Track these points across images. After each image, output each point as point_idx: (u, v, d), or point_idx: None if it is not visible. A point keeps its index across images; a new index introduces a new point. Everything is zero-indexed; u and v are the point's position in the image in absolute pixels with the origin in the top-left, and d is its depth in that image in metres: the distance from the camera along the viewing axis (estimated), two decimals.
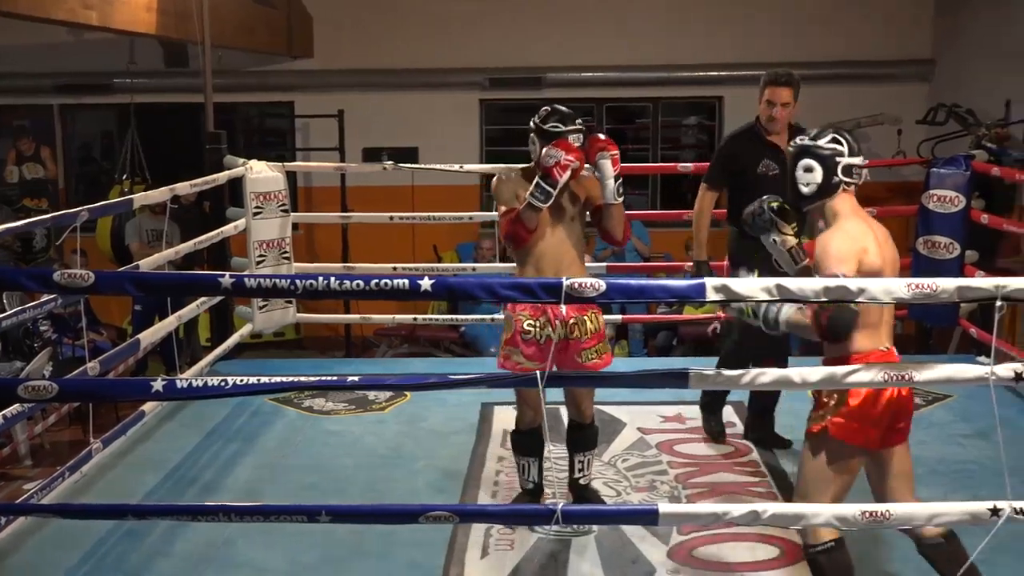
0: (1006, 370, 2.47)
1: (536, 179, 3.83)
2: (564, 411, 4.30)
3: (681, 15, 9.91)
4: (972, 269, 6.07)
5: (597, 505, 4.05)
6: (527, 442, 4.14)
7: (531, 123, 4.03)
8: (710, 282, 2.49)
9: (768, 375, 2.65)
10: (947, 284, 2.46)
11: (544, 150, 3.82)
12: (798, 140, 3.24)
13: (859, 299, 2.45)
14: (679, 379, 2.59)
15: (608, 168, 3.93)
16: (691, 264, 5.24)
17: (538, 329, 3.96)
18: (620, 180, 3.98)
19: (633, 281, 2.71)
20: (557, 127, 3.94)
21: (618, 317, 7.34)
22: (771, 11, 9.83)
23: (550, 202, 3.84)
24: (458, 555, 3.88)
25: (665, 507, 2.68)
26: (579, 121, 4.00)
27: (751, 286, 2.47)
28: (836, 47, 9.67)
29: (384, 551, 3.88)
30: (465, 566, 3.81)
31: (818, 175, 3.11)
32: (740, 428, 5.23)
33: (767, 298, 2.46)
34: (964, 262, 6.06)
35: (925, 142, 8.56)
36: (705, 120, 10.75)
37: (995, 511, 2.50)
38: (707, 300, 2.52)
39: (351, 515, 3.09)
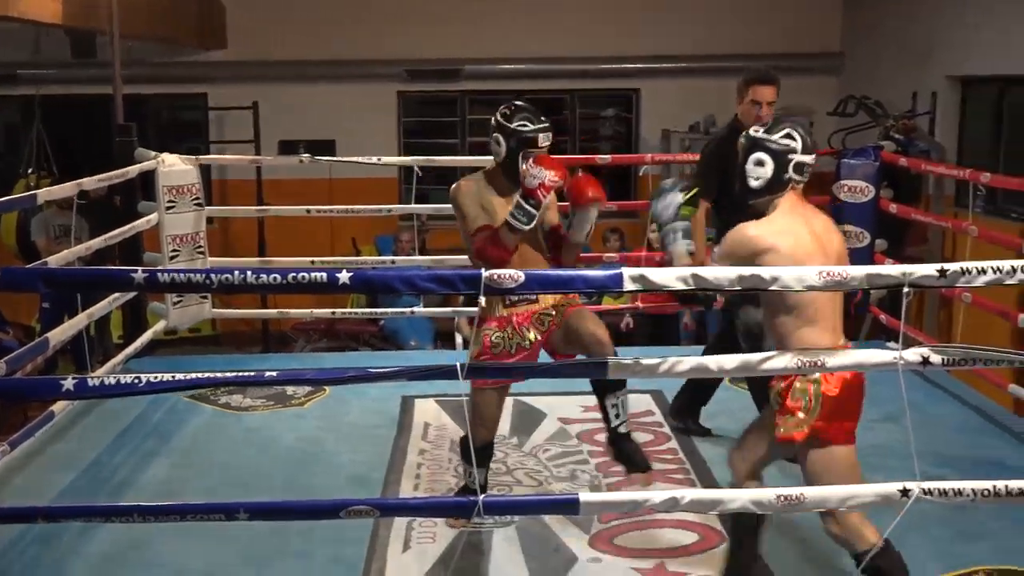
0: (913, 355, 2.53)
1: (517, 199, 3.62)
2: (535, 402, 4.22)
3: (598, 8, 9.99)
4: (881, 257, 6.22)
5: (518, 496, 4.06)
6: (481, 456, 3.88)
7: (494, 120, 3.80)
8: (627, 272, 2.51)
9: (685, 363, 2.68)
10: (857, 272, 2.52)
11: (526, 167, 3.60)
12: (751, 132, 3.20)
13: (772, 287, 2.49)
14: (598, 369, 2.61)
15: (593, 217, 3.87)
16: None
17: (506, 340, 3.77)
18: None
19: (552, 272, 2.73)
20: (525, 125, 3.74)
21: None
22: (686, 5, 9.98)
23: (533, 224, 3.64)
24: (380, 549, 3.86)
25: (586, 496, 2.70)
26: (543, 117, 3.83)
27: (666, 275, 2.50)
28: (749, 40, 9.84)
29: (305, 548, 3.84)
30: (387, 560, 3.79)
31: (769, 170, 3.09)
32: (659, 417, 5.29)
33: (683, 287, 2.49)
34: (874, 250, 6.21)
35: (836, 133, 8.75)
36: (622, 112, 10.85)
37: (905, 492, 2.58)
38: (626, 290, 2.54)
39: (270, 512, 3.06)
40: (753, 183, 3.12)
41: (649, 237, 7.32)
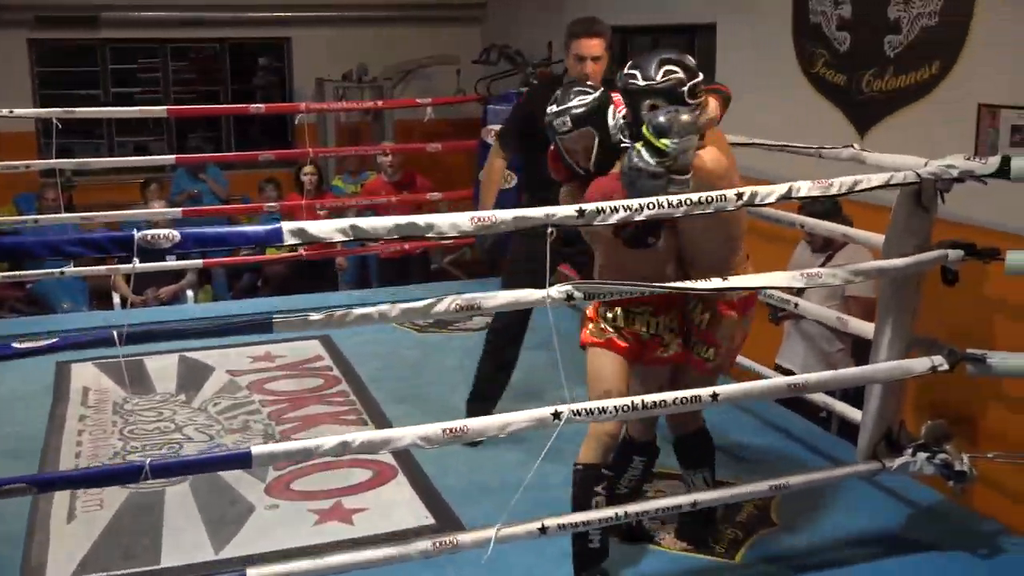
0: (559, 292, 2.67)
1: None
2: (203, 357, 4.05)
3: None
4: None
5: (188, 456, 3.90)
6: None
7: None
8: (286, 226, 2.44)
9: (353, 314, 2.62)
10: (505, 215, 2.61)
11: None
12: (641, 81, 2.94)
13: (429, 235, 2.52)
14: (262, 327, 2.53)
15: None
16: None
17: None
18: None
19: (209, 229, 2.59)
20: (552, 107, 3.16)
21: (199, 262, 7.06)
22: None
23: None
24: (41, 522, 3.59)
25: (258, 448, 2.63)
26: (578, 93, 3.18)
27: (326, 227, 2.46)
28: None
29: None
30: (50, 532, 3.54)
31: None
32: (328, 361, 5.28)
33: (342, 238, 2.46)
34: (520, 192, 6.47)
35: (481, 81, 8.99)
36: (275, 62, 10.53)
37: (556, 415, 2.72)
38: (286, 243, 2.47)
39: None
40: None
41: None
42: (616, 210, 2.65)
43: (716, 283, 2.86)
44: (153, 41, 9.79)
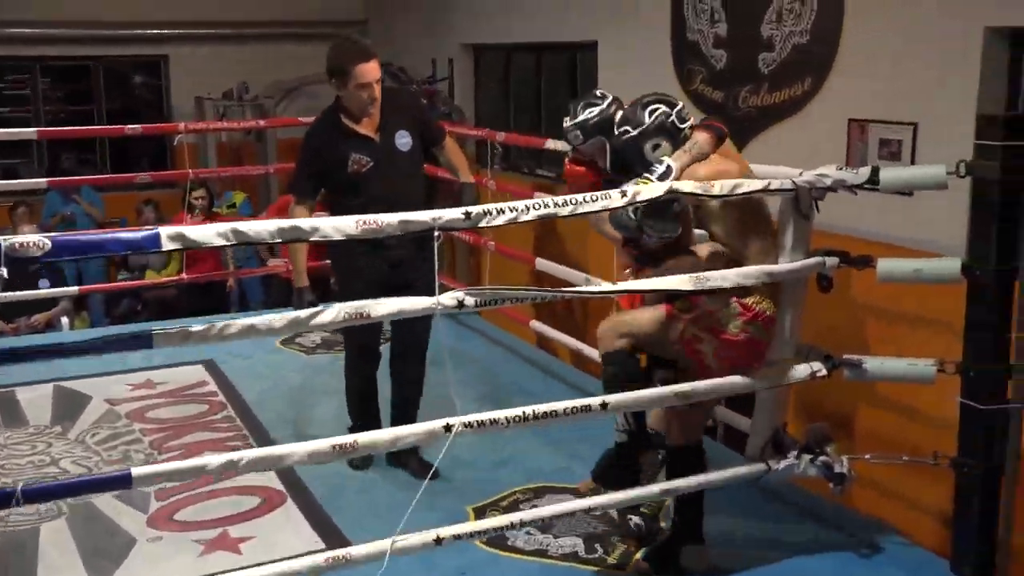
0: (450, 299, 2.64)
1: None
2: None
3: None
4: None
5: (63, 479, 3.74)
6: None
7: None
8: (164, 231, 2.35)
9: (236, 325, 2.56)
10: (391, 219, 2.57)
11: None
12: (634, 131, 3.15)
13: (312, 237, 2.48)
14: (142, 340, 2.44)
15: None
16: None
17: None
18: None
19: (82, 236, 2.46)
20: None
21: (75, 289, 6.82)
22: None
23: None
24: None
25: (139, 470, 2.53)
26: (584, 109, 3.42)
27: (206, 232, 2.38)
28: (277, 8, 9.79)
29: None
30: None
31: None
32: (212, 387, 5.16)
33: (223, 242, 2.39)
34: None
35: None
36: (152, 80, 10.28)
37: (448, 427, 2.71)
38: (164, 249, 2.37)
39: None
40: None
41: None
42: (503, 211, 2.66)
43: (605, 287, 2.90)
44: (26, 59, 9.45)
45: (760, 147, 5.16)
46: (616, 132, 3.24)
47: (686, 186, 2.92)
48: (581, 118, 3.37)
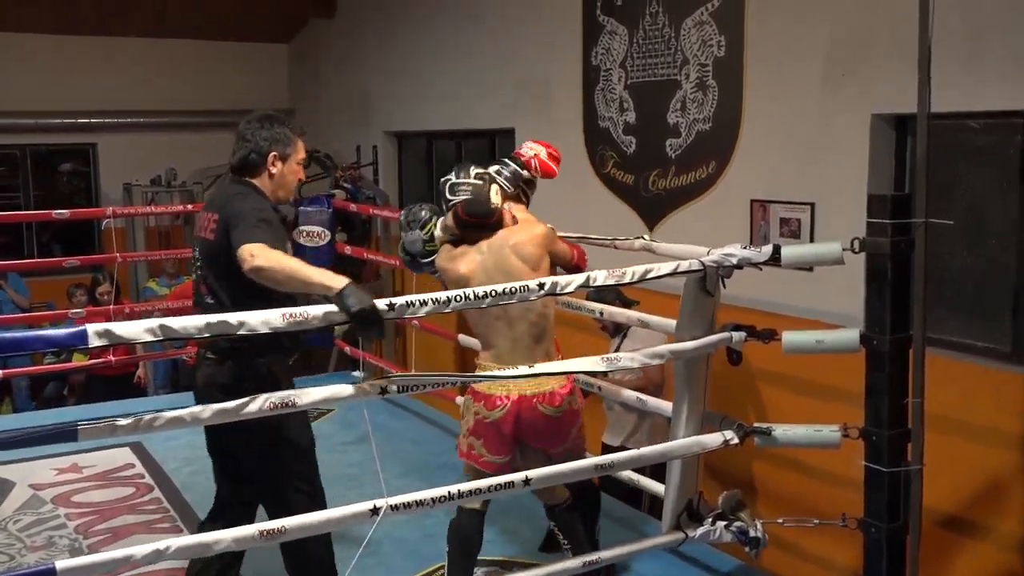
0: (373, 387, 2.63)
1: None
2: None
3: (49, 64, 9.22)
4: None
5: None
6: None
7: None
8: (91, 328, 2.31)
9: (163, 417, 2.50)
10: (315, 311, 2.56)
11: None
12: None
13: (241, 331, 2.44)
14: (66, 436, 2.36)
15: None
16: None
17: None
18: None
19: (6, 334, 2.42)
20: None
21: None
22: (143, 60, 9.58)
23: None
24: None
25: (63, 563, 2.43)
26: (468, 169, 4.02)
27: (134, 328, 2.34)
28: (203, 97, 9.74)
29: None
30: None
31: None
32: (140, 469, 5.00)
33: (151, 338, 2.35)
34: None
35: None
36: (81, 167, 10.12)
37: (375, 510, 2.66)
38: (91, 346, 2.33)
39: None
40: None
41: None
42: (425, 303, 2.66)
43: (523, 370, 2.90)
44: None
45: (670, 227, 5.27)
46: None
47: (600, 276, 2.96)
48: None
